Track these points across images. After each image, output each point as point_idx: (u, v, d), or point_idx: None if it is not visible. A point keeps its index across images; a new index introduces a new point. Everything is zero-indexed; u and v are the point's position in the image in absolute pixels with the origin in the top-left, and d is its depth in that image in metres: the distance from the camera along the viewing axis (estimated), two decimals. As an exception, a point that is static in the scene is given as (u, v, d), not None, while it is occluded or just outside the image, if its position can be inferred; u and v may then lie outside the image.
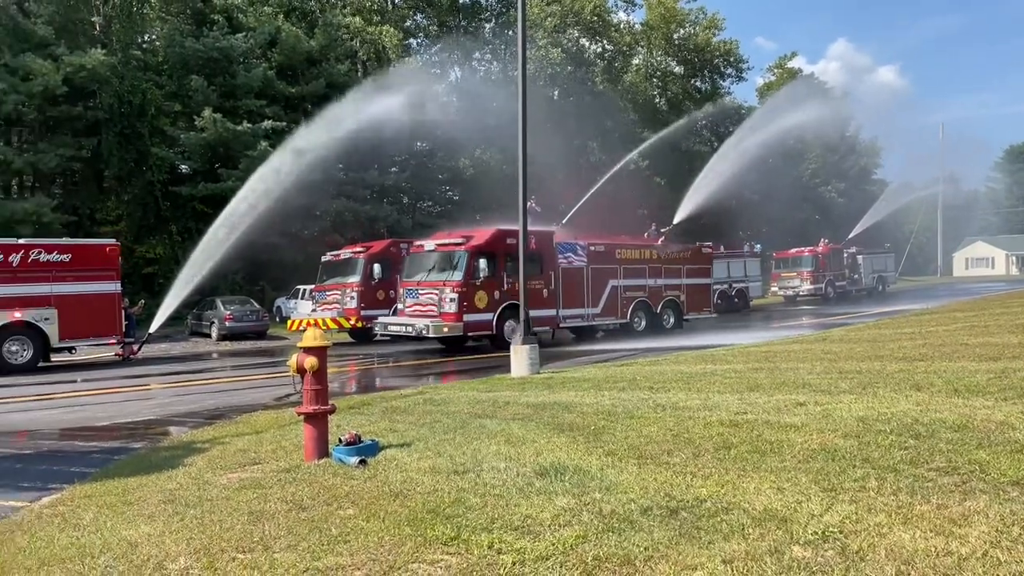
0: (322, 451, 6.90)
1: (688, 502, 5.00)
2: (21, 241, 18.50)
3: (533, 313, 18.96)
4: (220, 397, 13.04)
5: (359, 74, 39.72)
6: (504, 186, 40.75)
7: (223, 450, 7.67)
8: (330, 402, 7.11)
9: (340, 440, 6.90)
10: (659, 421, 7.70)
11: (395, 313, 21.56)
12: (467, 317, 18.85)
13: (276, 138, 31.04)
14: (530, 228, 21.11)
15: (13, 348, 17.26)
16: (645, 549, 4.24)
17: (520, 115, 13.94)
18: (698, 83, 58.86)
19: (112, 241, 20.10)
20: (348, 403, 10.30)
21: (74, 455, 8.30)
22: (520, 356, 13.17)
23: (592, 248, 22.15)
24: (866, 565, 3.87)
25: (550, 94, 44.54)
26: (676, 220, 30.07)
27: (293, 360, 7.01)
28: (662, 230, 32.18)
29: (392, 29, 40.15)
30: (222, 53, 33.91)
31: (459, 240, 19.86)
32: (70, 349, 18.66)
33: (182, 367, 18.68)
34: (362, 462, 6.54)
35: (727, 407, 8.27)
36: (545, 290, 20.59)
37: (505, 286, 19.43)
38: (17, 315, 17.20)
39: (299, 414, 7.04)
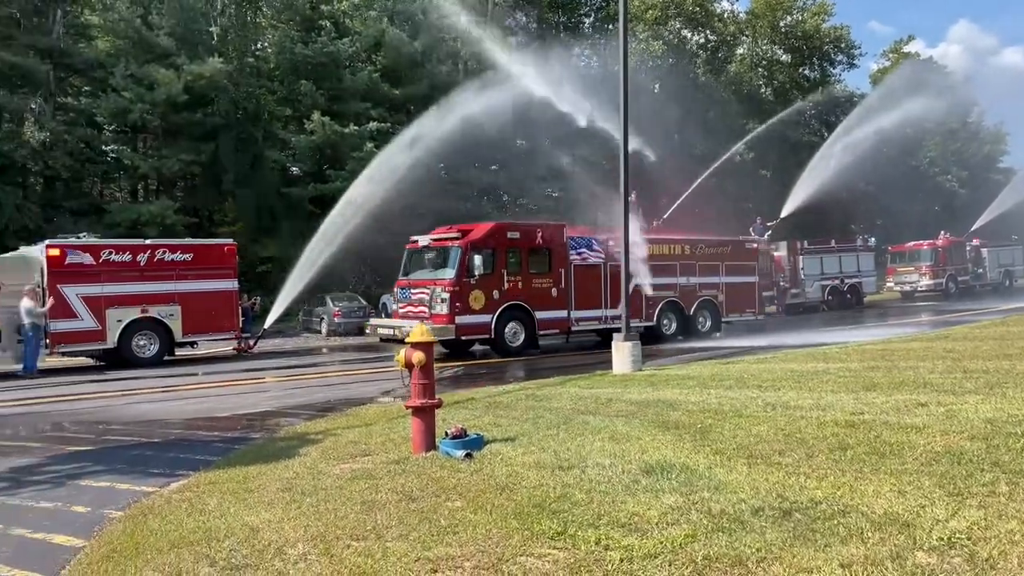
0: (429, 444, 7.04)
1: (802, 504, 4.84)
2: (148, 242, 19.66)
3: (540, 315, 18.27)
4: (330, 391, 13.49)
5: (460, 75, 40.25)
6: (604, 182, 40.47)
7: (335, 441, 7.93)
8: (436, 396, 7.25)
9: (446, 433, 7.03)
10: (769, 420, 7.49)
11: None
12: (460, 319, 17.23)
13: (381, 139, 31.82)
14: (537, 222, 20.52)
15: (141, 343, 18.34)
16: (757, 550, 4.13)
17: (622, 109, 13.79)
18: (806, 71, 56.80)
19: (229, 241, 21.14)
20: (452, 398, 10.46)
21: (198, 444, 8.75)
22: (622, 353, 13.05)
23: (611, 243, 19.67)
24: (996, 574, 3.65)
25: (651, 87, 43.95)
26: (784, 214, 29.10)
27: (401, 355, 7.18)
28: (768, 224, 31.20)
29: (493, 28, 40.48)
30: (330, 58, 35.03)
31: (455, 234, 18.19)
32: (192, 344, 19.68)
33: (295, 361, 19.42)
34: (468, 455, 6.64)
35: (842, 407, 7.96)
36: (554, 289, 18.79)
37: (506, 285, 17.87)
38: (145, 311, 18.29)
39: (407, 407, 7.20)
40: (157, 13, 32.92)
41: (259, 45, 38.27)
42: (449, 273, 17.45)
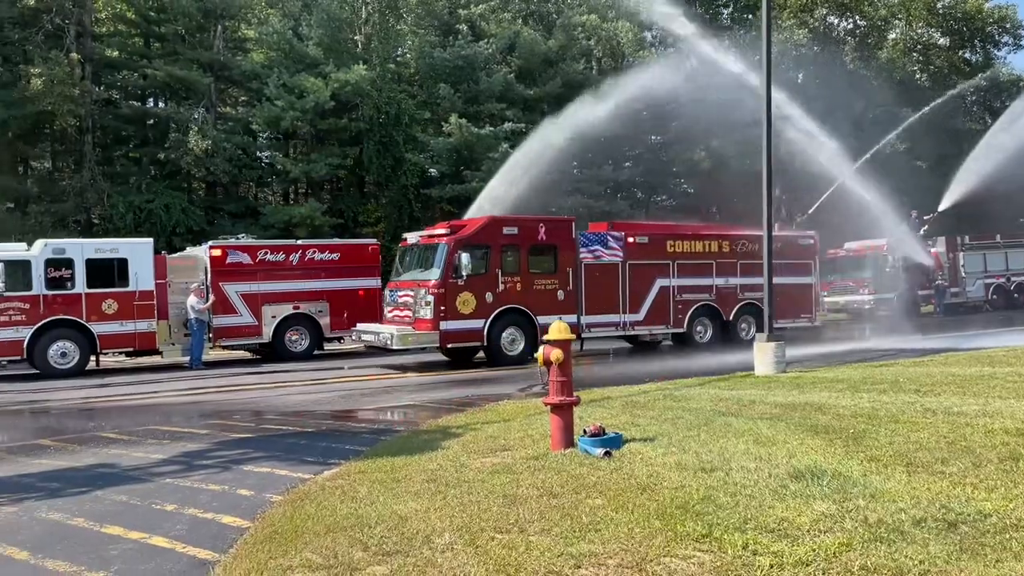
0: (568, 441, 7.07)
1: (969, 516, 4.53)
2: (299, 242, 20.78)
3: (544, 320, 16.08)
4: (468, 387, 13.79)
5: (594, 72, 40.14)
6: (743, 177, 39.23)
7: (475, 436, 8.10)
8: (574, 394, 7.27)
9: (585, 431, 7.04)
10: (930, 427, 7.04)
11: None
12: (446, 325, 15.68)
13: (515, 139, 32.20)
14: (540, 216, 19.20)
15: (293, 337, 19.39)
16: (920, 563, 3.90)
17: (765, 100, 13.33)
18: (967, 54, 52.81)
19: (373, 241, 22.08)
20: (589, 396, 10.45)
21: (347, 434, 9.17)
22: (765, 353, 12.62)
23: (631, 239, 18.10)
24: None
25: (795, 77, 42.22)
26: (942, 207, 27.25)
27: (540, 353, 7.25)
28: (924, 218, 29.30)
29: (628, 24, 40.14)
30: (466, 61, 35.77)
31: (445, 231, 16.59)
32: (339, 339, 20.63)
33: (431, 357, 19.96)
34: (607, 454, 6.62)
35: (1012, 414, 7.38)
36: (560, 291, 16.93)
37: (500, 287, 16.22)
38: (297, 308, 19.33)
39: (546, 404, 7.26)
40: (306, 25, 34.68)
41: (400, 51, 39.60)
42: (434, 274, 15.88)
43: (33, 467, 7.70)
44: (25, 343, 16.38)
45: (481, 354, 17.22)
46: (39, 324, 16.51)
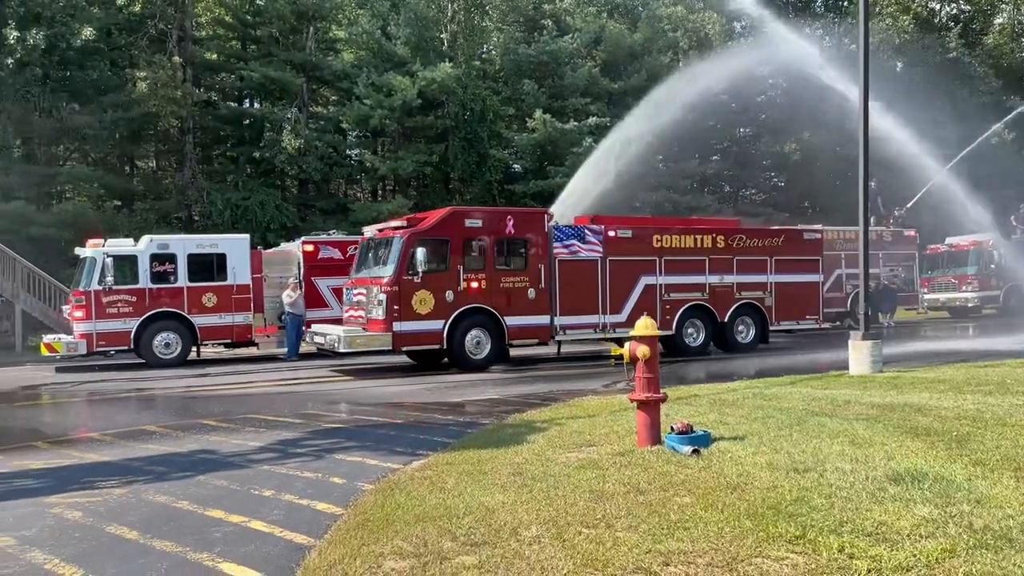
0: (654, 438, 7.00)
1: (1086, 527, 4.28)
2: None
3: (513, 321, 15.41)
4: (551, 382, 13.81)
5: (680, 64, 39.54)
6: (835, 169, 38.02)
7: (560, 431, 8.11)
8: (661, 391, 7.19)
9: (672, 429, 6.97)
10: (1040, 431, 6.68)
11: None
12: (399, 326, 14.52)
13: (599, 134, 32.03)
14: (509, 208, 18.02)
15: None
16: (1031, 574, 3.71)
17: (861, 90, 12.84)
18: (1084, 37, 49.63)
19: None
20: (675, 394, 10.32)
21: (434, 426, 9.33)
22: (861, 352, 12.19)
23: (612, 233, 16.60)
24: None
25: (893, 65, 40.58)
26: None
27: (626, 349, 7.21)
28: (1032, 213, 27.77)
29: (715, 15, 39.35)
30: (551, 56, 35.77)
31: (401, 223, 15.45)
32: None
33: (514, 352, 20.05)
34: (695, 452, 6.53)
35: None
36: (531, 289, 15.62)
37: (462, 284, 14.96)
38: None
39: (632, 401, 7.21)
40: (394, 24, 35.32)
41: (485, 48, 39.89)
42: (388, 270, 14.75)
43: (140, 452, 8.12)
44: (132, 334, 17.27)
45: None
46: (145, 316, 17.38)
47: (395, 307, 14.46)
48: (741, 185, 43.45)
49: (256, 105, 37.40)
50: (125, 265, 17.40)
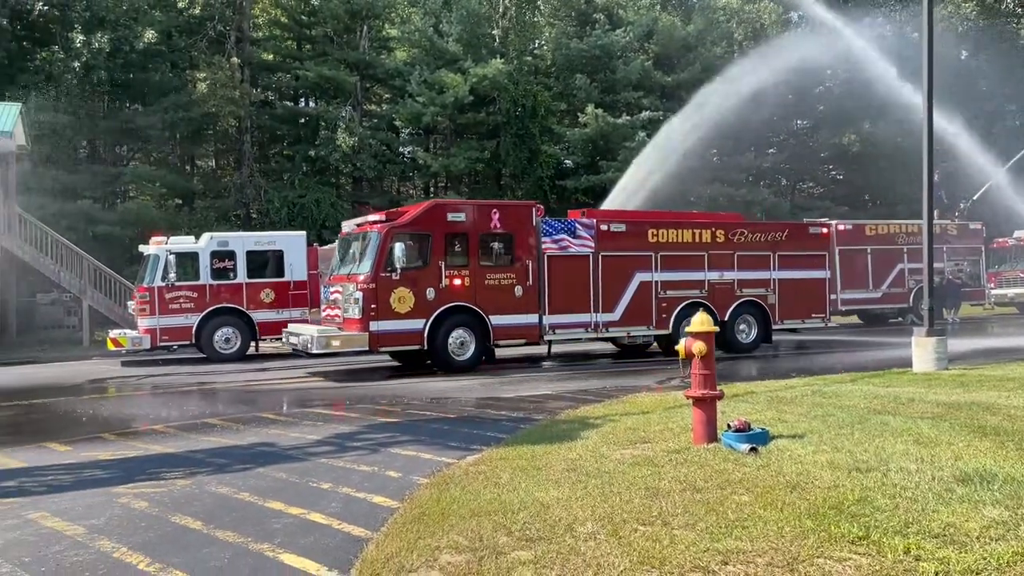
0: (711, 435, 6.92)
1: None
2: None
3: (498, 320, 14.63)
4: (604, 377, 13.74)
5: (735, 56, 38.92)
6: (896, 161, 37.00)
7: (614, 427, 8.07)
8: (717, 388, 7.10)
9: (728, 426, 6.87)
10: (1119, 432, 6.41)
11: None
12: (377, 325, 13.70)
13: (652, 128, 31.75)
14: (495, 201, 17.21)
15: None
16: (1112, 581, 3.56)
17: (925, 78, 12.46)
18: None
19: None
20: (731, 391, 10.17)
21: (487, 422, 9.36)
22: (925, 349, 11.85)
23: (604, 227, 15.77)
24: None
25: (957, 54, 39.30)
26: None
27: (682, 345, 7.14)
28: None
29: (772, 4, 38.61)
30: (603, 50, 35.55)
31: (380, 218, 14.55)
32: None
33: (572, 348, 20.00)
34: (753, 450, 6.43)
35: None
36: (518, 287, 14.82)
37: (444, 282, 14.18)
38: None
39: (688, 397, 7.13)
40: (446, 22, 35.51)
41: (536, 44, 39.85)
42: (364, 267, 13.99)
43: (202, 444, 8.33)
44: (194, 329, 17.71)
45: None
46: (206, 311, 17.81)
47: (372, 306, 13.69)
48: (798, 178, 42.63)
49: (311, 104, 38.01)
50: (187, 262, 17.86)
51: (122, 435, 9.06)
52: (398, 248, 13.61)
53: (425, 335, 14.09)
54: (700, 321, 7.07)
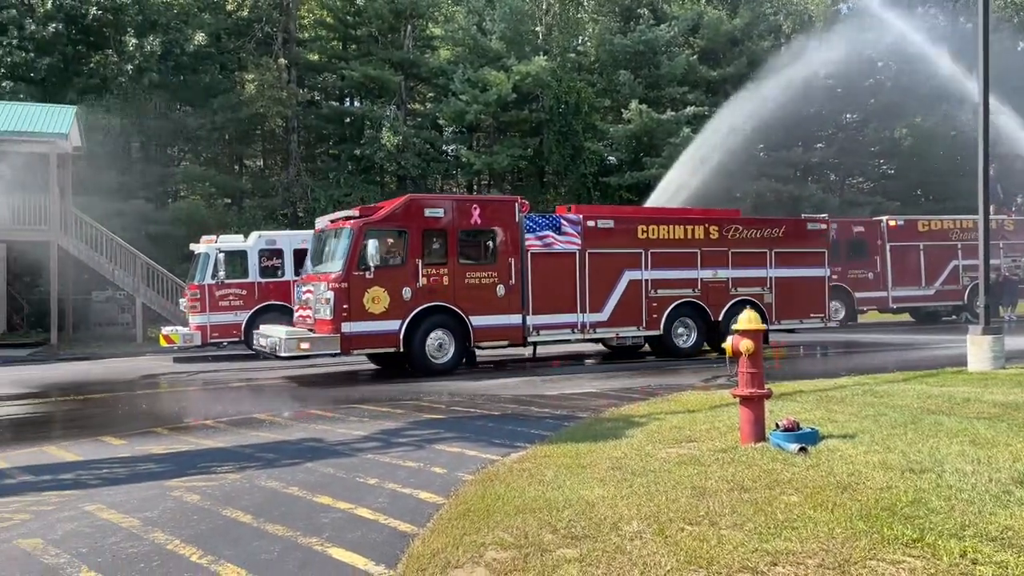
0: (758, 435, 6.82)
1: None
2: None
3: (479, 321, 13.96)
4: (650, 376, 13.64)
5: (782, 49, 38.30)
6: (949, 156, 36.06)
7: (659, 426, 8.01)
8: (765, 386, 7.00)
9: (777, 425, 6.77)
10: None
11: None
12: (349, 327, 13.03)
13: (697, 123, 31.40)
14: (474, 196, 16.28)
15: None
16: None
17: (981, 69, 12.12)
18: None
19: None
20: (779, 389, 10.02)
21: (531, 419, 9.36)
22: (980, 347, 11.54)
23: (591, 223, 15.11)
24: None
25: (1014, 45, 38.15)
26: None
27: (728, 343, 7.05)
28: None
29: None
30: (647, 46, 35.27)
31: (354, 213, 13.80)
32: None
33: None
34: (802, 449, 6.33)
35: None
36: (500, 286, 14.17)
37: (421, 280, 13.50)
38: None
39: (734, 396, 7.04)
40: (490, 19, 35.57)
41: (580, 40, 39.69)
42: (336, 265, 13.35)
43: (251, 439, 8.48)
44: (243, 326, 18.03)
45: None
46: (255, 308, 18.11)
47: (344, 306, 13.02)
48: (848, 173, 41.79)
49: (356, 104, 38.40)
50: (236, 260, 18.20)
51: (174, 429, 9.27)
52: (371, 245, 12.95)
53: (401, 337, 13.40)
54: (748, 319, 6.98)
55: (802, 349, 18.10)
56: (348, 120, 37.23)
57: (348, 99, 39.29)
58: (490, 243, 14.31)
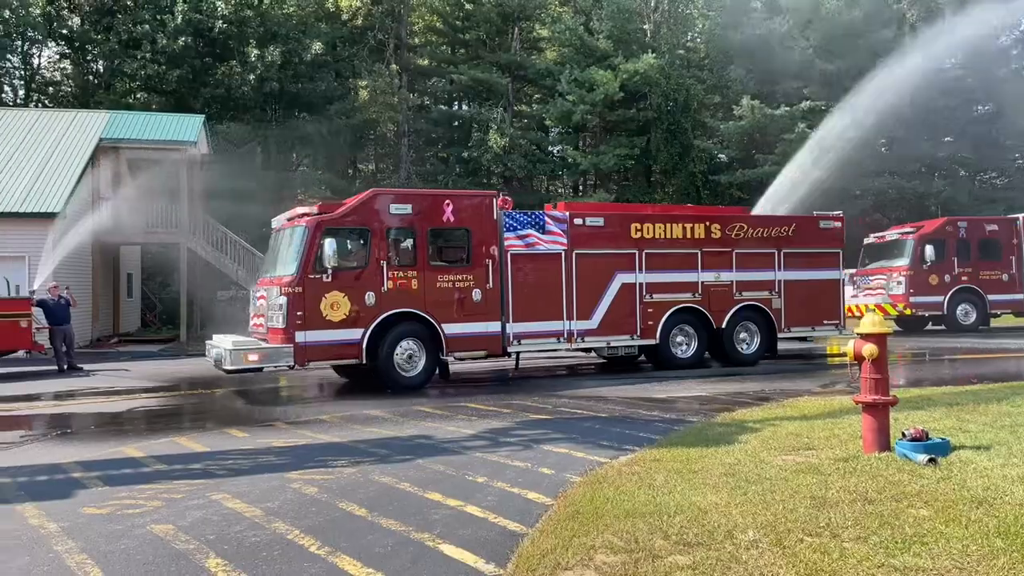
0: (882, 444, 6.50)
1: None
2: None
3: (452, 329, 12.54)
4: (764, 380, 13.21)
5: (906, 39, 36.41)
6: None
7: (774, 432, 7.74)
8: (891, 394, 6.65)
9: (903, 434, 6.42)
10: None
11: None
12: (304, 336, 11.65)
13: (814, 119, 30.26)
14: (446, 191, 14.21)
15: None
16: None
17: None
18: None
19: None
20: (904, 396, 9.51)
21: (639, 422, 9.23)
22: None
23: (579, 221, 13.73)
24: None
25: None
26: None
27: (850, 347, 6.74)
28: None
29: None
30: (760, 39, 34.29)
31: (312, 210, 12.40)
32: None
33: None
34: (931, 460, 5.98)
35: None
36: (476, 290, 12.78)
37: (386, 284, 12.11)
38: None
39: (857, 403, 6.73)
40: (597, 19, 35.43)
41: (689, 36, 38.98)
42: (290, 268, 12.01)
43: (365, 434, 8.72)
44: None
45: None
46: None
47: (298, 313, 11.66)
48: (979, 169, 39.32)
49: (464, 107, 39.02)
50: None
51: (292, 423, 9.64)
52: (329, 245, 11.67)
53: (364, 347, 12.04)
54: (872, 322, 6.65)
55: (927, 355, 17.13)
56: (456, 123, 37.90)
57: (456, 102, 39.98)
58: (464, 243, 13.00)
